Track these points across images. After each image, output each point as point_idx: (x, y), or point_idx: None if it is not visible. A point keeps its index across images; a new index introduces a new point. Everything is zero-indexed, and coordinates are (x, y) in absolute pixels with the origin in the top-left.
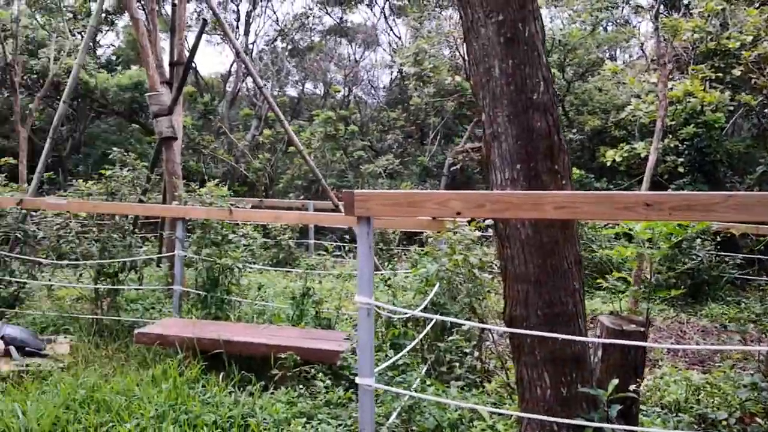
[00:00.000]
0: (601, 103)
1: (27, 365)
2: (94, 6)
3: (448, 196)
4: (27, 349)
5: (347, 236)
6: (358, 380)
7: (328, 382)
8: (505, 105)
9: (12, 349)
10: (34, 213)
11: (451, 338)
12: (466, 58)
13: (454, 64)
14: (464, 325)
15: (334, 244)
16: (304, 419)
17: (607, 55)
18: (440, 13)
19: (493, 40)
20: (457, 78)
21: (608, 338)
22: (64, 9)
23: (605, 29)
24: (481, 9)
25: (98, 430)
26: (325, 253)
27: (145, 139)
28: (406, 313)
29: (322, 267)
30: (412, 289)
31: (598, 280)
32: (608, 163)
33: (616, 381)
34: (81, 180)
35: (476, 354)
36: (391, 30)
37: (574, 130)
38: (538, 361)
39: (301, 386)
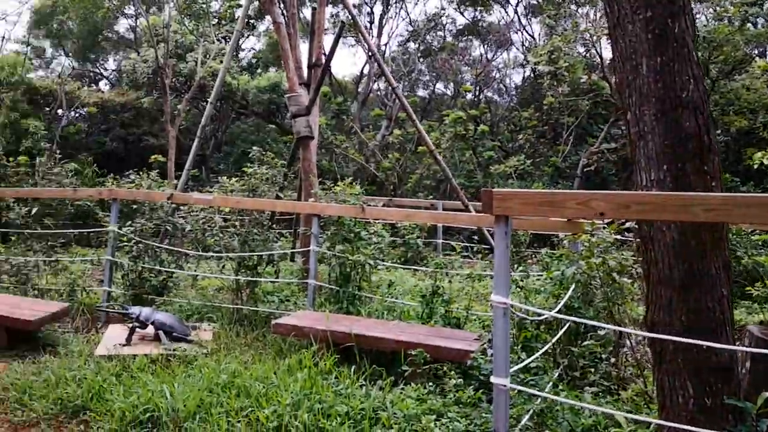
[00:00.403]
0: (749, 103)
1: (174, 349)
2: (237, 12)
3: (590, 196)
4: (174, 334)
5: (475, 237)
6: (493, 380)
7: (459, 381)
8: (653, 103)
9: (161, 333)
10: (181, 207)
11: (585, 343)
12: (603, 56)
13: (589, 63)
14: (602, 328)
15: (462, 244)
16: (434, 416)
17: (756, 52)
18: (576, 10)
19: (641, 37)
20: (593, 77)
21: (758, 348)
22: (211, 15)
23: (754, 25)
24: (628, 5)
25: (239, 414)
26: (452, 253)
27: (281, 138)
28: (541, 315)
29: (450, 267)
30: (545, 292)
31: (747, 289)
32: (755, 166)
33: (766, 394)
34: (225, 177)
35: (612, 360)
36: (524, 29)
37: (719, 131)
38: (680, 368)
39: (430, 383)
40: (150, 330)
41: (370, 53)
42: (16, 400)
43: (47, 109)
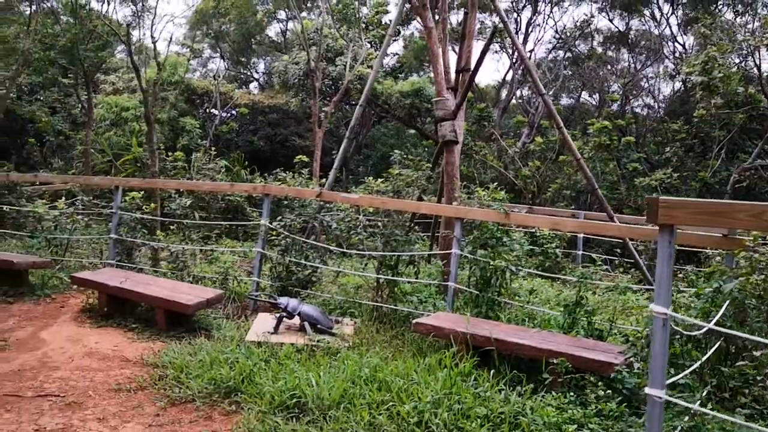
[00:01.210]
0: None
1: (318, 341)
2: (384, 18)
3: (765, 208)
4: (318, 326)
5: (616, 250)
6: (647, 390)
7: (603, 392)
8: None
9: (306, 325)
10: (327, 205)
11: (737, 363)
12: (761, 68)
13: (746, 75)
14: (757, 350)
15: (603, 256)
16: (575, 426)
17: None
18: (734, 20)
19: None
20: (750, 89)
21: None
22: (360, 20)
23: None
24: None
25: (380, 407)
26: (590, 265)
27: (420, 143)
28: (697, 328)
29: (591, 278)
30: (695, 309)
31: None
32: None
33: None
34: (370, 178)
35: (767, 383)
36: (675, 39)
37: None
38: None
39: (571, 393)
40: (296, 320)
41: (517, 59)
42: (174, 377)
43: (202, 108)
